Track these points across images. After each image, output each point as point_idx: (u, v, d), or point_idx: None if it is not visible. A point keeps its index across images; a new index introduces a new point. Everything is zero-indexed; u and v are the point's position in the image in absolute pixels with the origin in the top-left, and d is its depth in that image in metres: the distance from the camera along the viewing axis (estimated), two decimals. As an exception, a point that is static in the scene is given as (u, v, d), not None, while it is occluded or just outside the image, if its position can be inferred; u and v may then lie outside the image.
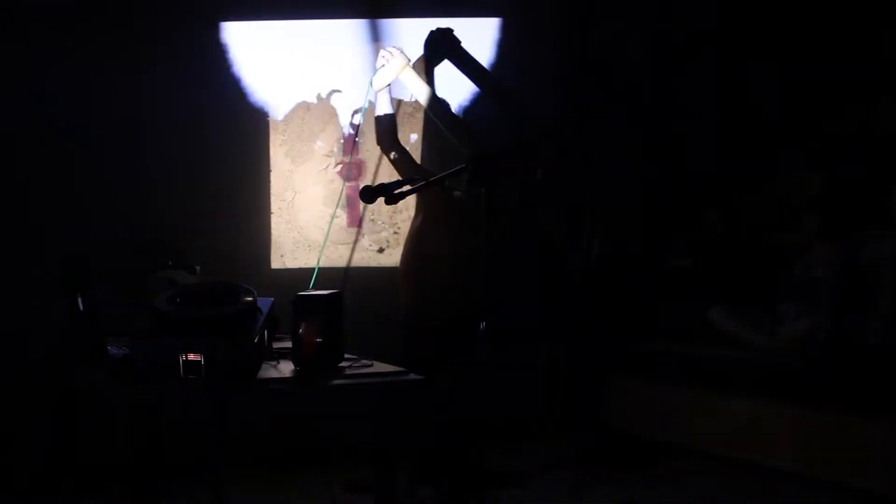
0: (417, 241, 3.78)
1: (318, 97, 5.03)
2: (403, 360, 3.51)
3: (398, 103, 4.99)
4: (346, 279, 4.93)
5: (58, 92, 4.47)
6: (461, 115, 3.88)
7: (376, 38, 5.02)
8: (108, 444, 4.10)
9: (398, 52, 3.70)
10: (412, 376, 2.73)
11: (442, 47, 3.84)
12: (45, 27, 4.47)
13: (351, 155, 4.94)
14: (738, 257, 5.31)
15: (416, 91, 3.78)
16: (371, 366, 2.80)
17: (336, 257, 5.07)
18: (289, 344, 2.73)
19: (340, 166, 5.04)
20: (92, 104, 4.54)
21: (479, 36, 5.12)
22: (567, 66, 5.45)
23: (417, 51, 3.87)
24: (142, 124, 4.64)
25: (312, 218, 5.03)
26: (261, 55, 4.89)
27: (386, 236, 5.13)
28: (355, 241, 5.08)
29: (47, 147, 4.50)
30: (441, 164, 3.61)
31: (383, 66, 3.69)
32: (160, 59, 4.63)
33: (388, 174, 4.95)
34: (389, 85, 3.76)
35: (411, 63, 3.73)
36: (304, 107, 5.01)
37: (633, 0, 5.76)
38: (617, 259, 5.53)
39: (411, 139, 5.06)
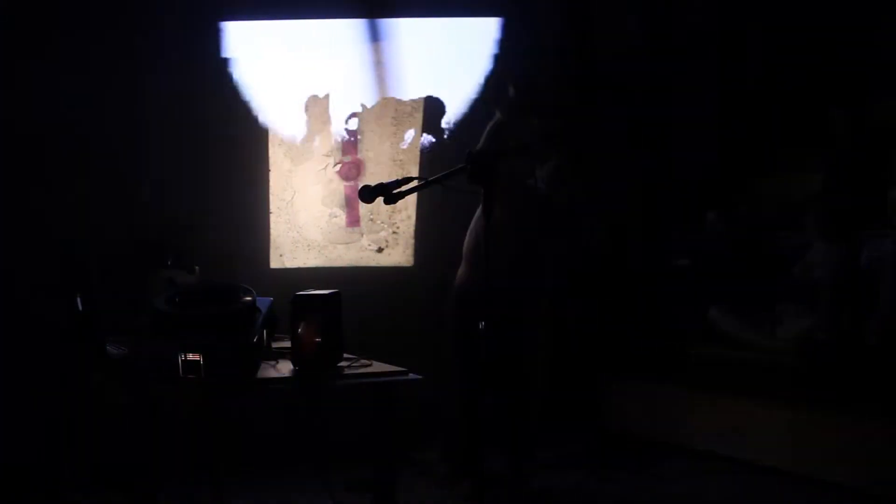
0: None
1: (318, 96, 5.03)
2: (456, 329, 3.98)
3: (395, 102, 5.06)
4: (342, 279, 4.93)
5: (56, 93, 4.47)
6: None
7: (376, 38, 5.02)
8: (108, 444, 4.10)
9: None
10: (412, 376, 2.73)
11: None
12: (46, 31, 4.47)
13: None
14: (738, 257, 5.30)
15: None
16: (370, 365, 2.81)
17: (335, 257, 5.07)
18: (288, 344, 2.73)
19: (339, 166, 5.04)
20: (91, 105, 4.54)
21: (480, 36, 5.12)
22: (567, 66, 5.45)
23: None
24: (141, 124, 4.64)
25: (312, 217, 5.03)
26: (260, 55, 4.89)
27: (385, 236, 5.13)
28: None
29: (47, 148, 4.50)
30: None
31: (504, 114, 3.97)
32: (159, 59, 4.62)
33: (387, 174, 4.97)
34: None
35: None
36: (303, 106, 5.01)
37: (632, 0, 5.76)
38: (617, 259, 5.53)
39: (408, 136, 5.07)
